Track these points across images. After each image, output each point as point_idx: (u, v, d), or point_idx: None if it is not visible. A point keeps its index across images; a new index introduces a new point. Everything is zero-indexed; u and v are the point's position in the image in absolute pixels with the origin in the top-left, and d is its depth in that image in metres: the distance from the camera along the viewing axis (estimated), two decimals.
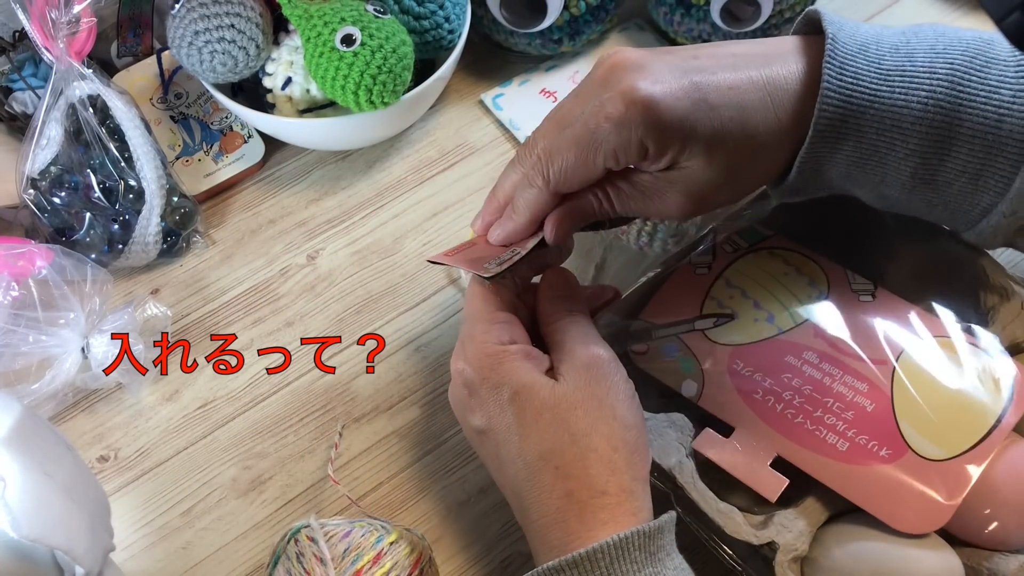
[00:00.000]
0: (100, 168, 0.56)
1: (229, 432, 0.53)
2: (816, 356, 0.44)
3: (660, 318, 0.47)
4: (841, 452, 0.41)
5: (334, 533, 0.42)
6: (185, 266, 0.59)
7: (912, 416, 0.41)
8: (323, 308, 0.57)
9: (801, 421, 0.42)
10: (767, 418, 0.43)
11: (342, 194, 0.62)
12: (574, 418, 0.38)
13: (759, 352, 0.44)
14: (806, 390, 0.43)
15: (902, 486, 0.40)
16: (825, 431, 0.42)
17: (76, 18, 0.54)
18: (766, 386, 0.44)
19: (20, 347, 0.50)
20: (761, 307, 0.46)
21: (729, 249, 0.48)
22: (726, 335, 0.45)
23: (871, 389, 0.42)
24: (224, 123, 0.64)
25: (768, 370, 0.44)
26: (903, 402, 0.42)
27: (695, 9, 0.62)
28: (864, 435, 0.41)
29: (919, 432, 0.41)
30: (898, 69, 0.39)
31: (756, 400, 0.43)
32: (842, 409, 0.42)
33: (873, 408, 0.42)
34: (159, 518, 0.50)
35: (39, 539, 0.33)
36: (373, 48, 0.54)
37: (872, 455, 0.41)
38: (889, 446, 0.41)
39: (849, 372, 0.43)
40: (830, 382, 0.43)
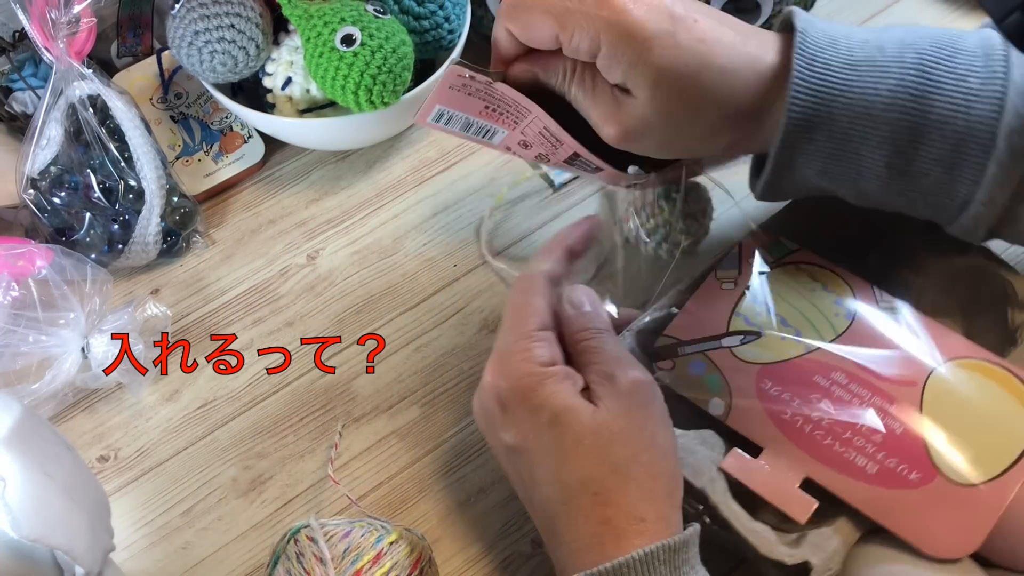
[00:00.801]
0: (100, 168, 0.56)
1: (229, 432, 0.53)
2: (844, 376, 0.43)
3: (686, 334, 0.46)
4: (871, 475, 0.41)
5: (334, 533, 0.42)
6: (185, 266, 0.59)
7: (942, 439, 0.41)
8: (323, 308, 0.57)
9: (830, 443, 0.42)
10: (795, 439, 0.42)
11: (342, 194, 0.62)
12: (616, 446, 0.38)
13: (787, 371, 0.44)
14: (835, 411, 0.43)
15: (932, 511, 0.40)
16: (854, 453, 0.41)
17: (76, 18, 0.54)
18: (794, 406, 0.43)
19: (20, 347, 0.50)
20: (788, 324, 0.46)
21: (756, 264, 0.48)
22: (753, 353, 0.45)
23: (900, 411, 0.42)
24: (224, 123, 0.64)
25: (796, 390, 0.43)
26: (932, 424, 0.41)
27: None
28: (893, 458, 0.41)
29: (949, 456, 0.41)
30: (868, 59, 0.39)
31: (784, 420, 0.43)
32: (871, 431, 0.42)
33: (902, 430, 0.42)
34: (159, 518, 0.50)
35: (39, 539, 0.33)
36: (373, 48, 0.54)
37: (902, 479, 0.40)
38: (919, 469, 0.40)
39: (877, 393, 0.43)
40: (859, 403, 0.42)
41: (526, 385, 0.39)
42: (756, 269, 0.47)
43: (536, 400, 0.39)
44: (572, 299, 0.43)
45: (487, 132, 0.46)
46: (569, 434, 0.38)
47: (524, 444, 0.39)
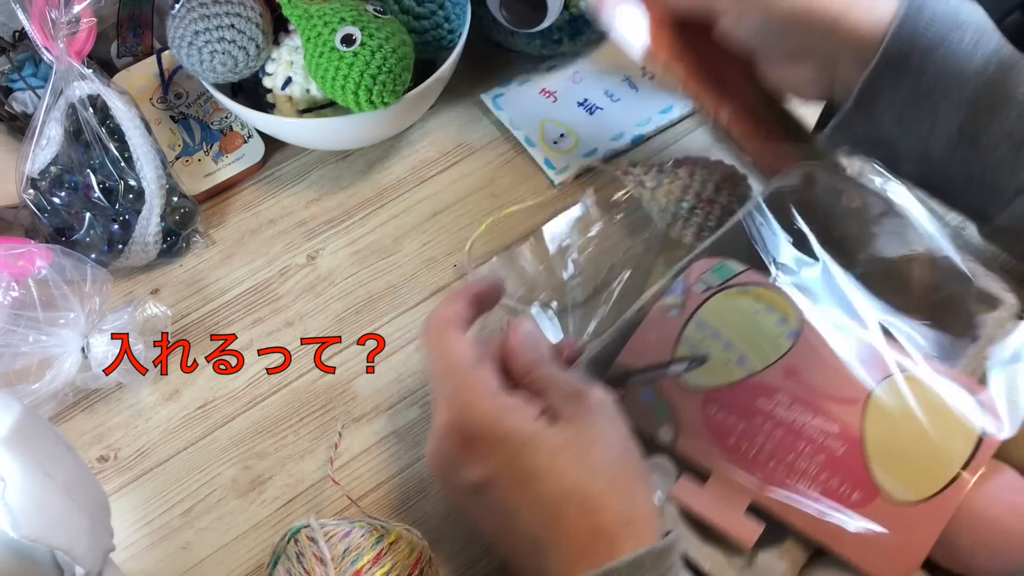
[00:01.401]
0: (100, 168, 0.56)
1: (229, 432, 0.53)
2: (787, 398, 0.43)
3: (634, 363, 0.46)
4: (814, 497, 0.41)
5: (334, 533, 0.42)
6: (185, 266, 0.59)
7: (883, 458, 0.41)
8: (323, 308, 0.57)
9: (773, 466, 0.42)
10: (741, 463, 0.43)
11: (342, 194, 0.62)
12: (593, 452, 0.38)
13: (731, 396, 0.44)
14: (778, 434, 0.43)
15: (874, 532, 0.40)
16: (798, 476, 0.42)
17: (76, 18, 0.54)
18: (739, 431, 0.43)
19: (20, 347, 0.50)
20: (733, 348, 0.45)
21: (700, 289, 0.48)
22: (699, 379, 0.45)
23: (842, 431, 0.42)
24: (224, 123, 0.64)
25: (741, 414, 0.44)
26: (874, 444, 0.41)
27: None
28: (836, 479, 0.41)
29: (890, 475, 0.41)
30: (974, 21, 0.41)
31: (730, 445, 0.43)
32: (814, 453, 0.42)
33: (844, 451, 0.41)
34: (159, 518, 0.50)
35: (39, 539, 0.33)
36: (373, 48, 0.54)
37: (844, 500, 0.41)
38: (861, 490, 0.41)
39: (820, 414, 0.43)
40: (801, 425, 0.42)
41: (489, 417, 0.39)
42: (700, 295, 0.47)
43: (502, 430, 0.38)
44: (519, 333, 0.43)
45: None
46: (544, 455, 0.38)
47: (495, 476, 0.39)
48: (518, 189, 0.62)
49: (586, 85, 0.66)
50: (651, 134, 0.64)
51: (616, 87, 0.66)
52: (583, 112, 0.65)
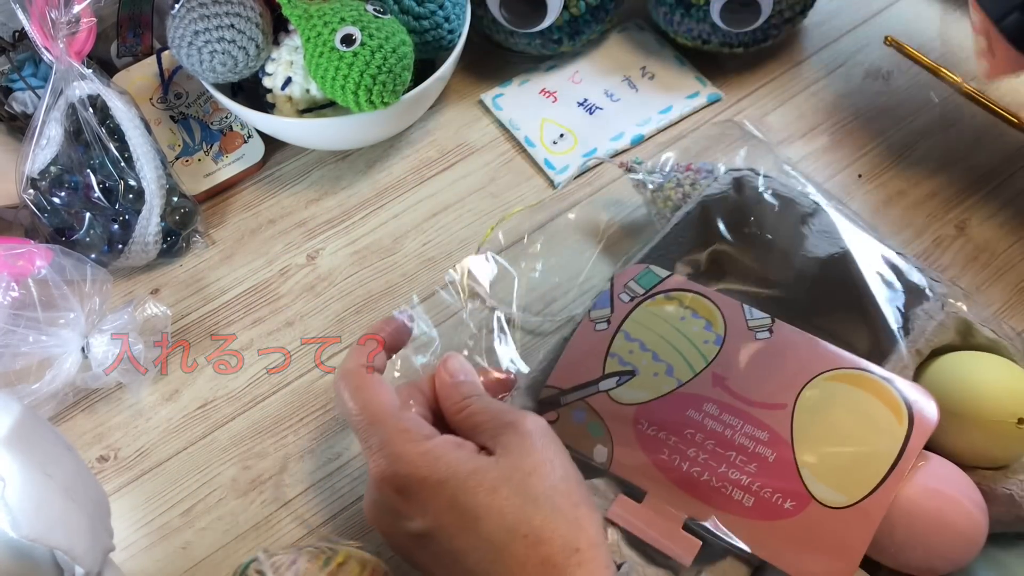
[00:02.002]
0: (100, 168, 0.56)
1: (229, 432, 0.53)
2: (716, 407, 0.43)
3: (566, 382, 0.45)
4: (747, 508, 0.40)
5: (281, 564, 0.42)
6: (185, 266, 0.59)
7: (813, 463, 0.40)
8: (323, 308, 0.57)
9: (707, 479, 0.41)
10: (674, 479, 0.42)
11: (342, 194, 0.62)
12: (532, 482, 0.37)
13: (662, 408, 0.43)
14: (709, 445, 0.42)
15: (808, 539, 0.39)
16: (731, 487, 0.41)
17: (76, 18, 0.54)
18: (671, 444, 0.42)
19: (20, 347, 0.50)
20: (660, 359, 0.45)
21: (626, 299, 0.47)
22: (629, 394, 0.44)
23: (771, 438, 0.41)
24: (224, 123, 0.64)
25: (671, 427, 0.43)
26: (803, 448, 0.41)
27: (695, 9, 0.62)
28: (768, 488, 0.40)
29: (821, 480, 0.40)
30: None
31: (663, 460, 0.42)
32: (745, 462, 0.41)
33: (775, 458, 0.41)
34: (159, 518, 0.50)
35: (39, 539, 0.33)
36: (373, 48, 0.54)
37: (778, 509, 0.40)
38: (793, 498, 0.40)
39: (750, 421, 0.42)
40: (731, 434, 0.42)
41: (424, 463, 0.38)
42: (627, 305, 0.46)
43: (439, 475, 0.38)
44: (449, 368, 0.43)
45: None
46: (482, 492, 0.37)
47: (436, 523, 0.38)
48: (518, 189, 0.62)
49: (586, 85, 0.66)
50: (651, 134, 0.64)
51: (616, 87, 0.66)
52: (583, 112, 0.65)
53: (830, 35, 0.68)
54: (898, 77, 0.66)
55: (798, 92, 0.66)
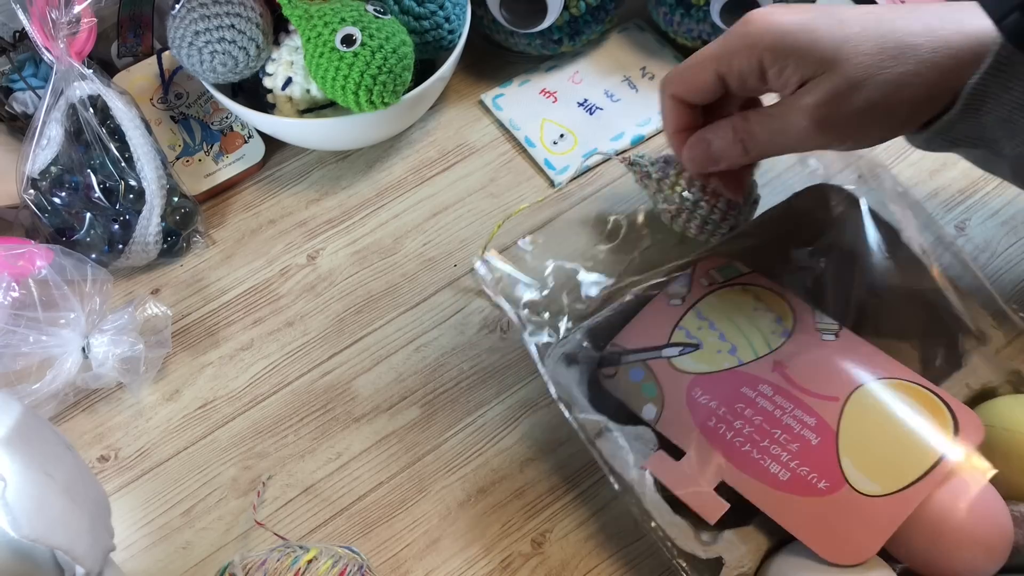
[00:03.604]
0: (100, 168, 0.56)
1: (229, 432, 0.53)
2: (771, 389, 0.45)
3: (630, 344, 0.48)
4: (782, 481, 0.42)
5: (251, 564, 0.42)
6: (185, 266, 0.60)
7: (854, 452, 0.42)
8: (323, 308, 0.57)
9: (748, 449, 0.43)
10: (716, 444, 0.44)
11: (342, 194, 0.62)
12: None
13: (718, 382, 0.46)
14: (756, 420, 0.44)
15: (834, 518, 0.41)
16: (769, 460, 0.43)
17: (76, 18, 0.54)
18: (719, 414, 0.45)
19: (20, 347, 0.50)
20: (726, 339, 0.47)
21: (705, 283, 0.50)
22: (689, 364, 0.47)
23: (819, 424, 0.43)
24: (224, 123, 0.64)
25: (723, 399, 0.45)
26: (847, 438, 0.43)
27: (695, 9, 0.62)
28: (806, 467, 0.42)
29: (859, 468, 0.42)
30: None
31: (708, 427, 0.45)
32: (788, 441, 0.43)
33: (818, 442, 0.43)
34: (159, 518, 0.50)
35: (39, 539, 0.33)
36: (373, 48, 0.54)
37: (811, 487, 0.42)
38: (828, 479, 0.42)
39: (800, 406, 0.44)
40: (780, 414, 0.44)
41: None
42: (704, 288, 0.49)
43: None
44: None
45: None
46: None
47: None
48: (518, 189, 0.62)
49: (586, 85, 0.66)
50: (651, 134, 0.64)
51: (616, 87, 0.66)
52: (583, 112, 0.65)
53: None
54: None
55: None
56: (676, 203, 0.53)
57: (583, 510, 0.49)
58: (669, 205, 0.54)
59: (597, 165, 0.62)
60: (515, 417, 0.52)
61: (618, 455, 0.44)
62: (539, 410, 0.53)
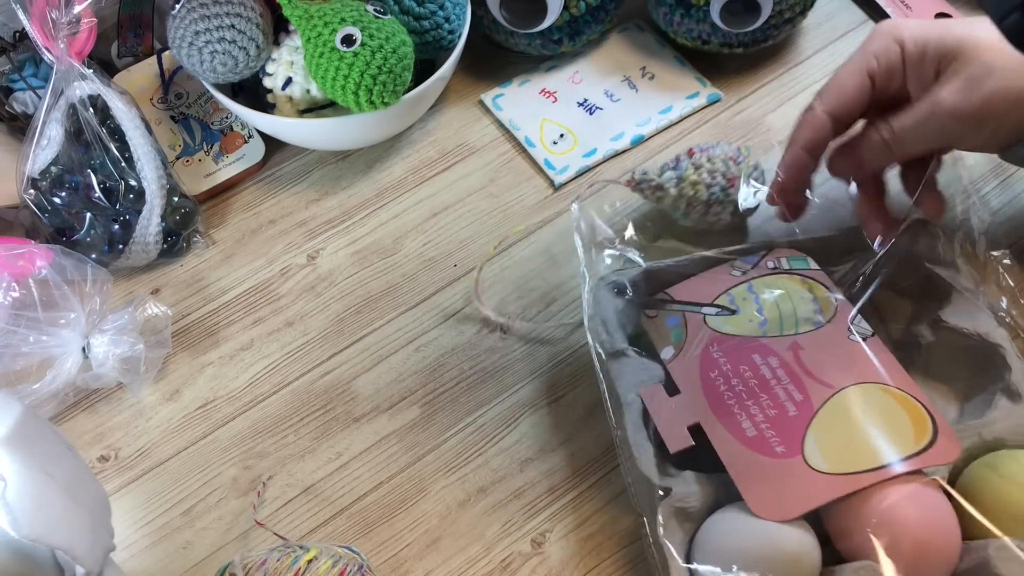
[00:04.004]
0: (100, 168, 0.56)
1: (229, 432, 0.53)
2: (777, 362, 0.47)
3: (679, 296, 0.52)
4: (747, 437, 0.45)
5: (251, 564, 0.42)
6: (185, 266, 0.60)
7: (822, 432, 0.44)
8: (323, 308, 0.57)
9: (731, 403, 0.46)
10: (707, 391, 0.47)
11: (342, 194, 0.62)
12: None
13: (736, 344, 0.49)
14: (751, 382, 0.47)
15: (775, 479, 0.43)
16: (744, 416, 0.46)
17: (76, 18, 0.54)
18: (723, 369, 0.48)
19: (21, 347, 0.50)
20: (762, 314, 0.49)
21: (770, 265, 0.52)
22: (720, 324, 0.50)
23: (804, 401, 0.45)
24: (224, 123, 0.64)
25: (733, 359, 0.48)
26: (822, 420, 0.45)
27: (695, 9, 0.62)
28: (773, 431, 0.45)
29: (818, 446, 0.44)
30: None
31: (708, 377, 0.48)
32: (769, 406, 0.46)
33: (795, 415, 0.45)
34: (159, 518, 0.50)
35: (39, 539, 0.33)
36: (373, 48, 0.54)
37: (769, 448, 0.44)
38: (787, 447, 0.44)
39: (795, 382, 0.46)
40: (774, 384, 0.47)
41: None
42: (766, 269, 0.52)
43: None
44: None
45: None
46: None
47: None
48: (518, 189, 0.62)
49: (586, 85, 0.66)
50: (651, 134, 0.64)
51: (616, 87, 0.66)
52: (583, 112, 0.65)
53: (830, 35, 0.68)
54: None
55: (798, 92, 0.66)
56: (704, 199, 0.54)
57: (583, 510, 0.49)
58: (694, 205, 0.54)
59: (597, 165, 0.62)
60: (515, 417, 0.53)
61: (625, 376, 0.48)
62: (539, 410, 0.53)
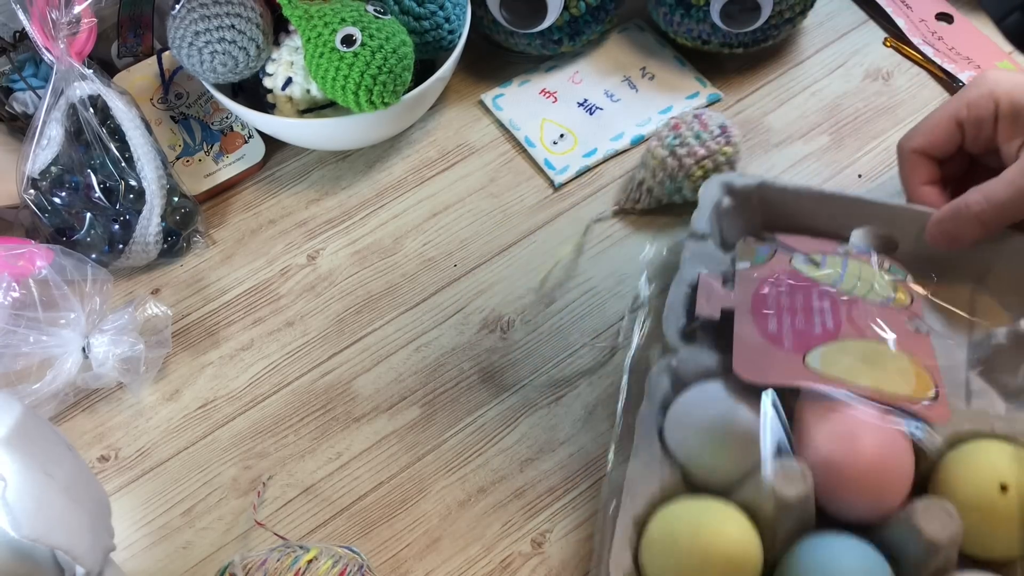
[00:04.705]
0: (100, 168, 0.56)
1: (229, 432, 0.53)
2: (830, 304, 0.49)
3: (785, 241, 0.54)
4: (767, 331, 0.47)
5: (251, 564, 0.42)
6: (185, 266, 0.60)
7: (832, 351, 0.46)
8: (323, 308, 0.57)
9: (770, 311, 0.49)
10: (756, 297, 0.50)
11: (342, 194, 0.62)
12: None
13: (804, 282, 0.50)
14: (798, 305, 0.49)
15: (767, 357, 0.46)
16: (774, 319, 0.48)
17: (76, 18, 0.54)
18: (777, 288, 0.50)
19: (21, 347, 0.50)
20: (843, 277, 0.51)
21: (874, 259, 0.52)
22: (801, 267, 0.51)
23: (832, 330, 0.47)
24: (224, 123, 0.64)
25: (793, 288, 0.50)
26: (838, 345, 0.47)
27: (695, 9, 0.62)
28: (791, 336, 0.47)
29: (822, 358, 0.46)
30: None
31: (764, 290, 0.50)
32: (801, 322, 0.48)
33: (818, 333, 0.47)
34: (159, 518, 0.50)
35: (39, 539, 0.33)
36: (373, 48, 0.54)
37: (779, 342, 0.47)
38: (795, 347, 0.47)
39: (835, 318, 0.48)
40: (816, 313, 0.48)
41: None
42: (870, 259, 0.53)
43: None
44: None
45: None
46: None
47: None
48: (518, 190, 0.62)
49: (586, 85, 0.66)
50: (651, 135, 0.64)
51: (616, 87, 0.66)
52: (583, 112, 0.65)
53: (830, 35, 0.68)
54: (898, 77, 0.66)
55: (798, 92, 0.66)
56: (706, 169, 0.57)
57: (583, 510, 0.49)
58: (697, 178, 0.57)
59: (597, 165, 0.63)
60: (515, 417, 0.53)
61: (695, 257, 0.52)
62: (539, 410, 0.53)
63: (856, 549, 0.41)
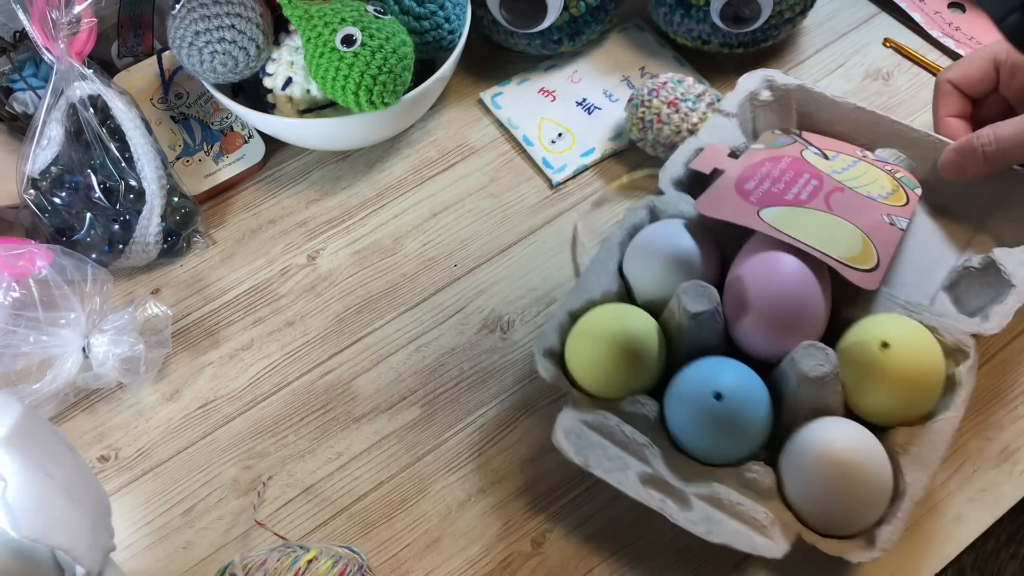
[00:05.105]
0: (101, 168, 0.56)
1: (229, 432, 0.53)
2: (817, 184, 0.51)
3: (809, 137, 0.56)
4: (742, 187, 0.51)
5: (251, 564, 0.42)
6: (186, 266, 0.60)
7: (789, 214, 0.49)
8: (323, 308, 0.57)
9: (757, 176, 0.52)
10: (752, 166, 0.53)
11: (342, 194, 0.62)
12: None
13: (807, 167, 0.53)
14: (786, 177, 0.52)
15: (729, 201, 0.50)
16: (755, 182, 0.51)
17: (76, 18, 0.54)
18: (778, 167, 0.53)
19: (21, 347, 0.50)
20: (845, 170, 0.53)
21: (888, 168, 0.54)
22: (811, 158, 0.54)
23: (803, 200, 0.50)
24: (224, 123, 0.64)
25: (792, 166, 0.52)
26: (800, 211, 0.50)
27: (695, 9, 0.62)
28: (762, 193, 0.51)
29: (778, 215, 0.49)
30: None
31: (764, 165, 0.53)
32: (777, 186, 0.51)
33: (788, 199, 0.50)
34: (159, 518, 0.50)
35: (39, 539, 0.33)
36: (373, 48, 0.54)
37: (747, 194, 0.51)
38: (758, 203, 0.50)
39: (813, 192, 0.51)
40: (798, 184, 0.51)
41: None
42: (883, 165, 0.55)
43: None
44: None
45: None
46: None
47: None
48: (518, 189, 0.62)
49: (585, 85, 0.66)
50: None
51: (614, 87, 0.66)
52: (581, 112, 0.65)
53: (830, 35, 0.68)
54: (898, 77, 0.66)
55: None
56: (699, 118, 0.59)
57: (583, 510, 0.49)
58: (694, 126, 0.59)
59: (594, 165, 0.62)
60: (515, 417, 0.53)
61: (715, 133, 0.56)
62: (539, 410, 0.53)
63: (740, 370, 0.46)
